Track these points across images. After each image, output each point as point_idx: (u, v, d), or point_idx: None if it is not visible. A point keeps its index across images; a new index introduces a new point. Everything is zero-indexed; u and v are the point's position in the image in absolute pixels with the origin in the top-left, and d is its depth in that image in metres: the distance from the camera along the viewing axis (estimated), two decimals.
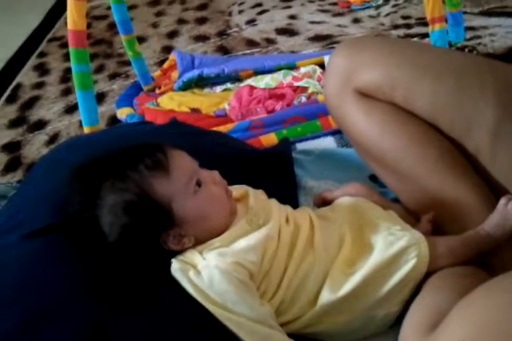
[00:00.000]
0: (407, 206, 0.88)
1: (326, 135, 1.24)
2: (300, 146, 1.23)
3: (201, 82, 1.58)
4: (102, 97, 1.80)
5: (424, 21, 1.42)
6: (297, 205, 1.04)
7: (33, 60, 2.22)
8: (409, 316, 0.69)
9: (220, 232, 0.76)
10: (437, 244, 0.75)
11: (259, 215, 0.78)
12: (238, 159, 1.03)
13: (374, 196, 0.89)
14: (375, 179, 1.01)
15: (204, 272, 0.72)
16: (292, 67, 1.48)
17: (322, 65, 1.45)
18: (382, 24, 1.93)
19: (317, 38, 1.90)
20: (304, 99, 1.35)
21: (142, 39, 2.08)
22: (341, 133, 1.09)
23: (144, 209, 0.72)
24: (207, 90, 1.57)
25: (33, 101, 1.94)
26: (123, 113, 1.56)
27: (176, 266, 0.74)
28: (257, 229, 0.76)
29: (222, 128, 1.30)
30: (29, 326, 0.68)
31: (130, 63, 1.66)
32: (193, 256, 0.75)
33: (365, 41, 0.93)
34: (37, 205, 0.87)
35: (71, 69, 1.29)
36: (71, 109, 1.78)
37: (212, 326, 0.71)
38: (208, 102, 1.48)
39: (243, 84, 1.49)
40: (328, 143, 1.20)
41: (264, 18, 2.13)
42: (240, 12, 2.23)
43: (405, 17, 1.92)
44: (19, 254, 0.78)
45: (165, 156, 0.74)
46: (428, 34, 1.38)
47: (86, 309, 0.70)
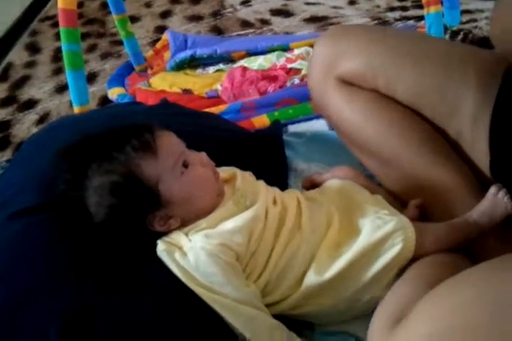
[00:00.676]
0: (392, 191, 0.88)
1: (318, 117, 1.22)
2: (292, 128, 1.21)
3: (194, 63, 1.56)
4: (94, 77, 1.78)
5: (420, 4, 1.40)
6: (287, 187, 1.03)
7: (25, 39, 2.18)
8: (379, 307, 0.69)
9: (207, 213, 0.76)
10: (424, 230, 0.74)
11: (246, 196, 0.77)
12: (228, 141, 1.02)
13: (361, 179, 0.89)
14: None
15: (190, 253, 0.72)
16: (286, 49, 1.46)
17: None
18: (378, 6, 1.90)
19: (312, 20, 1.88)
20: (297, 81, 1.33)
21: (135, 19, 2.05)
22: None
23: (131, 190, 0.72)
24: (199, 71, 1.55)
25: (24, 80, 1.91)
26: (114, 93, 1.54)
27: (162, 247, 0.74)
28: (244, 210, 0.75)
29: (214, 109, 1.29)
30: (12, 305, 0.69)
31: (122, 43, 1.64)
32: (179, 238, 0.74)
33: (347, 30, 0.94)
34: (23, 185, 0.86)
35: None
36: (62, 89, 1.75)
37: (198, 307, 0.71)
38: (201, 83, 1.47)
39: (236, 65, 1.47)
40: (320, 125, 1.18)
41: None
42: None
43: None
44: (5, 235, 0.78)
45: (152, 137, 0.73)
46: (424, 17, 1.36)
47: (70, 289, 0.70)
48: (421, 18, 1.61)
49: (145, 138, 0.73)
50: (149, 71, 1.63)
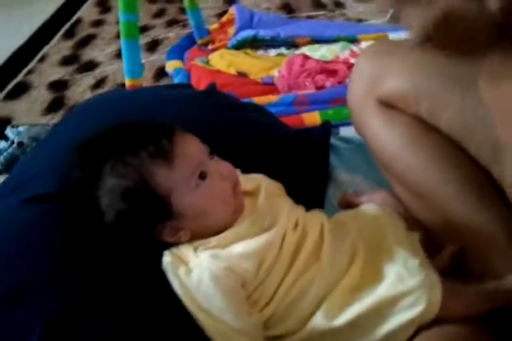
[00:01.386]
0: (427, 228, 0.78)
1: None
2: (343, 131, 1.12)
3: (256, 43, 1.48)
4: (156, 45, 1.74)
5: None
6: (323, 198, 0.96)
7: None
8: None
9: (221, 229, 0.70)
10: (453, 292, 0.65)
11: (264, 217, 0.70)
12: (268, 139, 0.95)
13: (401, 209, 0.80)
14: None
15: (194, 271, 0.67)
16: (352, 40, 1.35)
17: None
18: None
19: None
20: None
21: None
22: None
23: (142, 197, 0.67)
24: (260, 52, 1.47)
25: (89, 39, 1.90)
26: (171, 66, 1.50)
27: (168, 259, 0.69)
28: (260, 233, 0.69)
29: (264, 99, 1.21)
30: (9, 297, 0.67)
31: None
32: (187, 252, 0.69)
33: (394, 45, 0.82)
34: (45, 168, 0.84)
35: None
36: None
37: (190, 329, 0.66)
38: (259, 66, 1.39)
39: (298, 51, 1.38)
40: None
41: None
42: None
43: None
44: (14, 220, 0.76)
45: (170, 144, 0.67)
46: None
47: (62, 290, 0.68)
48: None
49: (162, 144, 0.67)
50: (210, 46, 1.56)
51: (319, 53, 1.31)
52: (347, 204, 0.86)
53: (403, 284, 0.64)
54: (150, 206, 0.67)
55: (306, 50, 1.35)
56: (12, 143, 1.39)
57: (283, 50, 1.43)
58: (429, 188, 0.74)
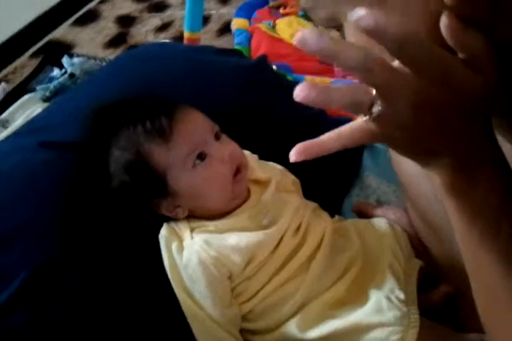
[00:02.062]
0: (431, 257, 0.73)
1: None
2: None
3: None
4: None
5: None
6: (343, 196, 0.93)
7: None
8: None
9: (221, 212, 0.69)
10: (429, 336, 0.62)
11: (266, 214, 0.69)
12: (302, 126, 0.91)
13: (413, 230, 0.76)
14: None
15: (185, 251, 0.67)
16: None
17: None
18: None
19: None
20: None
21: None
22: None
23: (139, 172, 0.68)
24: None
25: None
26: (236, 24, 1.46)
27: (164, 233, 0.69)
28: (257, 229, 0.67)
29: (317, 80, 1.16)
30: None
31: None
32: (185, 230, 0.69)
33: None
34: (71, 115, 0.83)
35: None
36: None
37: (167, 305, 0.67)
38: None
39: None
40: None
41: None
42: None
43: None
44: (30, 160, 0.77)
45: (169, 122, 0.66)
46: None
47: (52, 240, 0.69)
48: None
49: (160, 121, 0.66)
50: (282, 10, 1.49)
51: None
52: (360, 212, 0.83)
53: (380, 315, 0.62)
54: (147, 181, 0.67)
55: None
56: (65, 72, 1.40)
57: None
58: (441, 224, 0.69)
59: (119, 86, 0.86)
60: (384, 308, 0.62)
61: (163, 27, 1.62)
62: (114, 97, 0.77)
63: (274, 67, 1.16)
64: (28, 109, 1.28)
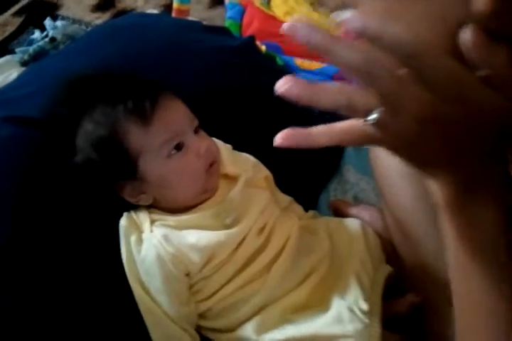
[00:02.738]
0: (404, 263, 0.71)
1: None
2: None
3: None
4: None
5: None
6: (320, 189, 0.90)
7: None
8: None
9: (186, 205, 0.67)
10: None
11: (230, 212, 0.66)
12: (287, 117, 0.87)
13: (387, 234, 0.73)
14: None
15: (144, 245, 0.64)
16: None
17: None
18: None
19: None
20: None
21: None
22: None
23: (110, 150, 0.64)
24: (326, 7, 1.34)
25: None
26: None
27: (123, 223, 0.66)
28: (219, 228, 0.64)
29: (306, 64, 1.11)
30: None
31: None
32: (144, 221, 0.66)
33: None
34: (40, 88, 0.78)
35: None
36: None
37: (121, 298, 0.64)
38: (317, 23, 1.26)
39: None
40: None
41: None
42: None
43: None
44: None
45: (152, 107, 0.63)
46: None
47: (13, 218, 0.66)
48: None
49: (143, 104, 0.62)
50: None
51: None
52: (335, 210, 0.80)
53: (340, 327, 0.60)
54: (116, 160, 0.64)
55: None
56: (46, 36, 1.34)
57: None
58: (416, 232, 0.67)
59: (96, 58, 0.81)
60: (345, 319, 0.60)
61: None
62: (89, 70, 0.72)
63: (263, 47, 1.11)
64: (5, 73, 1.23)
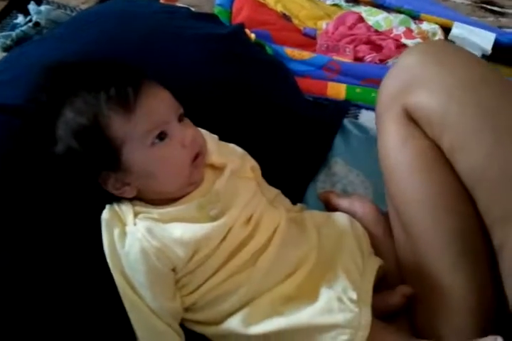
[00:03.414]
0: (399, 259, 0.71)
1: None
2: (364, 115, 1.01)
3: None
4: None
5: None
6: (308, 182, 0.89)
7: None
8: None
9: (170, 197, 0.65)
10: (381, 338, 0.59)
11: (215, 204, 0.64)
12: (272, 108, 0.85)
13: (379, 228, 0.73)
14: None
15: (128, 238, 0.62)
16: (415, 17, 1.20)
17: (446, 30, 1.16)
18: None
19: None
20: None
21: None
22: None
23: (92, 139, 0.61)
24: None
25: None
26: None
27: (106, 216, 0.64)
28: (204, 221, 0.63)
29: (297, 53, 1.09)
30: None
31: None
32: (128, 214, 0.64)
33: (445, 54, 0.68)
34: (20, 74, 0.77)
35: None
36: None
37: (106, 292, 0.63)
38: (308, 12, 1.25)
39: (356, 9, 1.23)
40: None
41: None
42: None
43: None
44: None
45: (135, 92, 0.60)
46: None
47: None
48: None
49: (125, 92, 0.60)
50: None
51: (374, 19, 1.17)
52: (325, 201, 0.79)
53: (329, 316, 0.59)
54: (98, 150, 0.61)
55: (364, 11, 1.20)
56: (30, 20, 1.30)
57: (342, 2, 1.28)
58: (415, 226, 0.66)
59: (79, 44, 0.79)
60: (334, 309, 0.59)
61: None
62: (71, 56, 0.70)
63: (253, 36, 1.09)
64: None
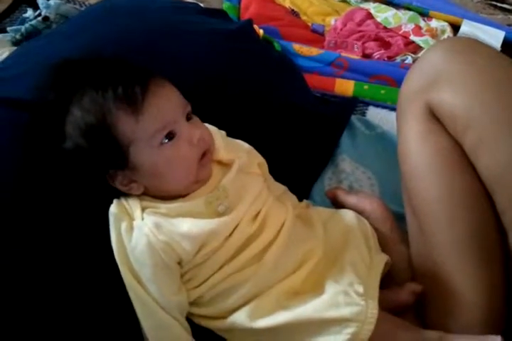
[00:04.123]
0: (411, 256, 0.71)
1: None
2: (372, 112, 1.00)
3: None
4: None
5: None
6: (314, 181, 0.89)
7: None
8: None
9: (178, 194, 0.65)
10: (387, 332, 0.60)
11: (222, 200, 0.64)
12: (279, 103, 0.86)
13: (387, 226, 0.73)
14: None
15: (135, 233, 0.63)
16: (424, 14, 1.19)
17: (455, 27, 1.15)
18: None
19: None
20: (410, 61, 1.08)
21: None
22: None
23: (100, 138, 0.61)
24: None
25: None
26: None
27: (114, 210, 0.65)
28: (211, 216, 0.63)
29: (305, 50, 1.09)
30: None
31: None
32: (135, 208, 0.64)
33: (472, 52, 0.67)
34: (30, 69, 0.77)
35: None
36: None
37: (113, 287, 0.63)
38: (317, 8, 1.25)
39: (364, 5, 1.22)
40: None
41: None
42: None
43: None
44: None
45: (143, 93, 0.60)
46: None
47: None
48: None
49: (133, 90, 0.60)
50: None
51: (383, 15, 1.16)
52: (333, 198, 0.79)
53: (336, 310, 0.59)
54: (106, 150, 0.61)
55: (372, 8, 1.20)
56: (39, 15, 1.30)
57: None
58: (430, 224, 0.66)
59: (88, 39, 0.79)
60: (340, 303, 0.59)
61: None
62: (80, 52, 0.70)
63: (261, 32, 1.09)
64: None
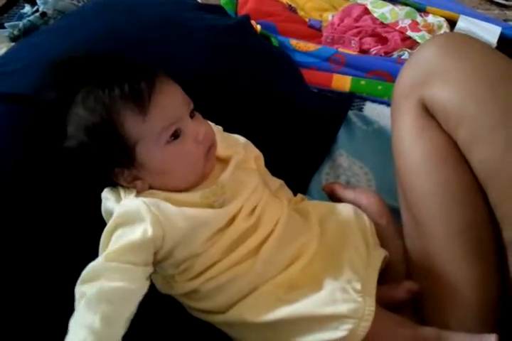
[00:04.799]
0: (407, 250, 0.72)
1: None
2: (368, 108, 1.01)
3: None
4: None
5: None
6: (312, 173, 0.90)
7: None
8: None
9: (179, 189, 0.65)
10: (383, 329, 0.59)
11: (218, 196, 0.64)
12: (276, 98, 0.86)
13: (383, 220, 0.73)
14: None
15: (127, 198, 0.63)
16: (421, 10, 1.20)
17: (452, 23, 1.16)
18: None
19: None
20: (407, 56, 1.09)
21: None
22: None
23: (105, 138, 0.61)
24: None
25: None
26: None
27: (106, 194, 0.65)
28: (206, 208, 0.63)
29: (302, 45, 1.09)
30: None
31: None
32: (130, 193, 0.64)
33: (466, 48, 0.67)
34: (30, 63, 0.77)
35: None
36: None
37: None
38: (314, 3, 1.25)
39: (361, 1, 1.23)
40: None
41: None
42: None
43: None
44: None
45: (149, 91, 0.60)
46: None
47: None
48: None
49: (140, 88, 0.59)
50: None
51: (380, 11, 1.17)
52: (330, 192, 0.80)
53: (333, 307, 0.59)
54: (112, 149, 0.61)
55: (369, 3, 1.20)
56: (37, 10, 1.31)
57: None
58: (425, 219, 0.67)
59: (85, 35, 0.79)
60: (338, 299, 0.59)
61: None
62: (77, 48, 0.71)
63: (258, 27, 1.10)
64: None
